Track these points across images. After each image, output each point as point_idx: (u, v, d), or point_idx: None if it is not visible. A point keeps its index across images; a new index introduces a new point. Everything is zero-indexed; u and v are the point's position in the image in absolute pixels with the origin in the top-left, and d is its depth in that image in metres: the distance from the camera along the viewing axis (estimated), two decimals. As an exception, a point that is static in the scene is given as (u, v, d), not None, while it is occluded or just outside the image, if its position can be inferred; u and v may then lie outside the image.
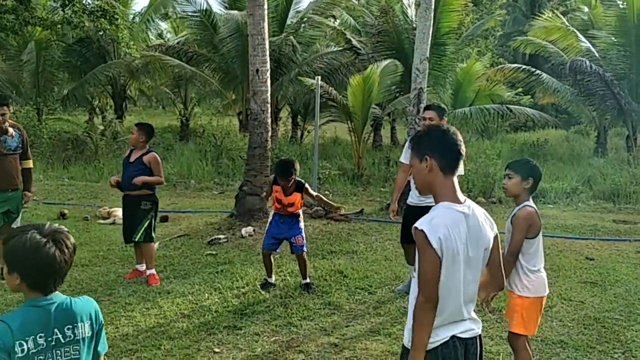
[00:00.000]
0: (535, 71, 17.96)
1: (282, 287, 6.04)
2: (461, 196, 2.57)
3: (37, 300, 2.11)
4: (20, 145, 6.10)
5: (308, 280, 6.04)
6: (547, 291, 3.82)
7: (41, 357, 2.06)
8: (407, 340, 2.52)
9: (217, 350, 4.54)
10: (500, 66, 20.02)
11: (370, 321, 5.22)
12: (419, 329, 2.43)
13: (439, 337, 2.47)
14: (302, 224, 5.99)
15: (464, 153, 2.57)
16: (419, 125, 9.70)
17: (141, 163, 6.09)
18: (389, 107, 15.88)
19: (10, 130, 5.96)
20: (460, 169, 5.18)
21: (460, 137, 2.58)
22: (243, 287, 5.99)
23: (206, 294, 5.76)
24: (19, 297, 5.56)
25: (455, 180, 2.56)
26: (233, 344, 4.65)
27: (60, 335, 2.10)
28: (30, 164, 6.34)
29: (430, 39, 9.60)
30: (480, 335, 2.63)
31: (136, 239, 6.10)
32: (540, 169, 3.84)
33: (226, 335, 4.82)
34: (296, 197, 5.78)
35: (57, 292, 2.16)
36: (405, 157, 5.75)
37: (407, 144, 5.74)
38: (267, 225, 6.07)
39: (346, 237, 8.28)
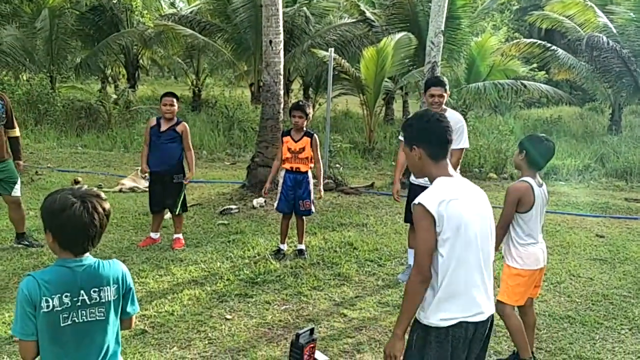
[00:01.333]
0: (550, 46, 17.72)
1: (293, 257, 6.11)
2: (452, 172, 2.67)
3: (66, 260, 2.17)
4: (4, 116, 5.86)
5: (303, 246, 6.20)
6: (540, 266, 3.87)
7: (65, 316, 2.13)
8: (420, 316, 2.58)
9: (228, 317, 4.63)
10: (515, 41, 19.74)
11: (379, 292, 5.29)
12: (408, 300, 2.54)
13: (451, 316, 2.52)
14: (311, 187, 6.07)
15: (451, 138, 2.65)
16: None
17: (174, 132, 6.19)
18: (401, 80, 15.76)
19: None
20: (465, 143, 5.16)
21: (447, 123, 2.65)
22: (254, 257, 6.08)
23: (218, 263, 5.85)
24: (35, 262, 5.69)
25: (448, 161, 2.67)
26: (244, 312, 4.74)
27: (86, 297, 2.16)
28: (16, 132, 6.07)
29: (445, 12, 9.49)
30: (492, 315, 2.67)
31: (177, 213, 6.33)
32: (539, 144, 3.81)
33: (237, 303, 4.91)
34: (306, 141, 5.89)
35: (88, 255, 2.21)
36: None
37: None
38: (279, 187, 6.14)
39: (356, 210, 8.32)
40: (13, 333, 2.14)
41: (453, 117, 5.19)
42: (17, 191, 6.04)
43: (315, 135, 5.98)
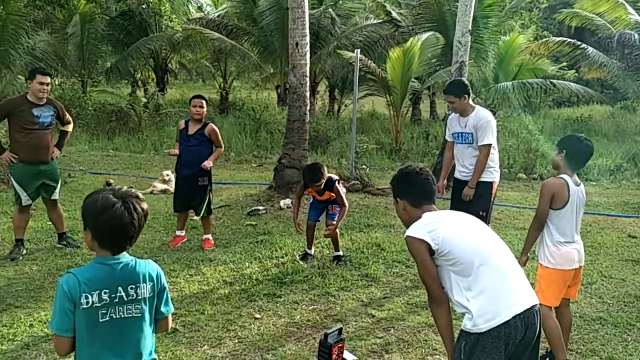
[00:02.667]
0: (580, 45, 17.44)
1: (320, 258, 6.15)
2: (437, 209, 2.91)
3: (105, 258, 2.23)
4: (55, 122, 6.11)
5: (340, 252, 6.14)
6: (575, 267, 3.81)
7: (103, 312, 2.19)
8: (468, 326, 2.60)
9: (257, 316, 4.68)
10: (544, 39, 19.49)
11: (407, 294, 5.28)
12: (437, 324, 2.77)
13: (495, 316, 2.54)
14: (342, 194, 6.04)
15: (433, 188, 2.90)
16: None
17: (202, 135, 6.28)
18: (428, 80, 15.71)
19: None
20: (487, 139, 5.29)
21: (426, 175, 2.92)
22: (282, 257, 6.13)
23: (247, 263, 5.92)
24: (70, 262, 5.83)
25: (433, 206, 2.90)
26: (273, 311, 4.79)
27: (123, 293, 2.22)
28: (68, 128, 6.36)
29: (472, 11, 9.43)
30: (538, 309, 2.67)
31: (201, 215, 6.43)
32: (579, 144, 3.78)
33: (266, 303, 4.96)
34: (329, 194, 5.87)
35: (125, 253, 2.27)
36: (449, 134, 5.72)
37: (449, 119, 5.71)
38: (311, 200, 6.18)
39: (383, 211, 8.32)
40: (50, 328, 2.20)
41: (477, 115, 5.38)
42: (56, 195, 6.24)
43: (335, 183, 5.82)
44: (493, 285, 2.58)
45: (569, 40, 18.03)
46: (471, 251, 2.63)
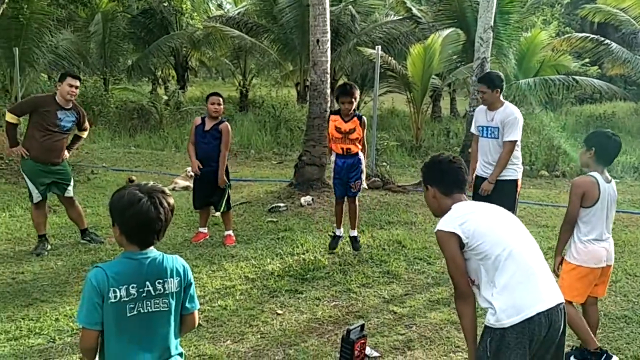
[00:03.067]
0: (604, 41, 17.19)
1: (341, 254, 6.15)
2: (467, 200, 2.87)
3: (133, 253, 2.26)
4: (75, 127, 6.19)
5: (356, 232, 6.17)
6: (602, 265, 3.77)
7: (131, 306, 2.21)
8: (492, 321, 2.58)
9: (279, 312, 4.71)
10: (566, 35, 19.25)
11: (429, 291, 5.27)
12: (461, 320, 2.74)
13: (520, 311, 2.51)
14: (363, 166, 6.05)
15: (465, 177, 2.86)
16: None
17: (217, 132, 6.33)
18: (449, 77, 15.60)
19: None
20: (513, 136, 5.21)
21: (459, 164, 2.88)
22: (303, 254, 6.14)
23: (268, 259, 5.95)
24: (94, 258, 5.91)
25: (463, 195, 2.86)
26: (295, 307, 4.81)
27: (151, 288, 2.25)
28: (83, 134, 6.44)
29: (494, 7, 9.34)
30: (563, 307, 2.64)
31: (221, 211, 6.51)
32: (607, 140, 3.75)
33: (288, 299, 4.98)
34: (355, 122, 5.83)
35: (152, 248, 2.31)
36: (474, 127, 5.67)
37: (475, 112, 5.72)
38: (332, 172, 6.20)
39: (404, 208, 8.29)
40: (77, 321, 2.23)
41: (506, 110, 5.35)
42: (69, 192, 6.30)
43: (363, 117, 5.89)
44: (519, 280, 2.55)
45: (592, 36, 17.79)
46: (499, 245, 2.60)
